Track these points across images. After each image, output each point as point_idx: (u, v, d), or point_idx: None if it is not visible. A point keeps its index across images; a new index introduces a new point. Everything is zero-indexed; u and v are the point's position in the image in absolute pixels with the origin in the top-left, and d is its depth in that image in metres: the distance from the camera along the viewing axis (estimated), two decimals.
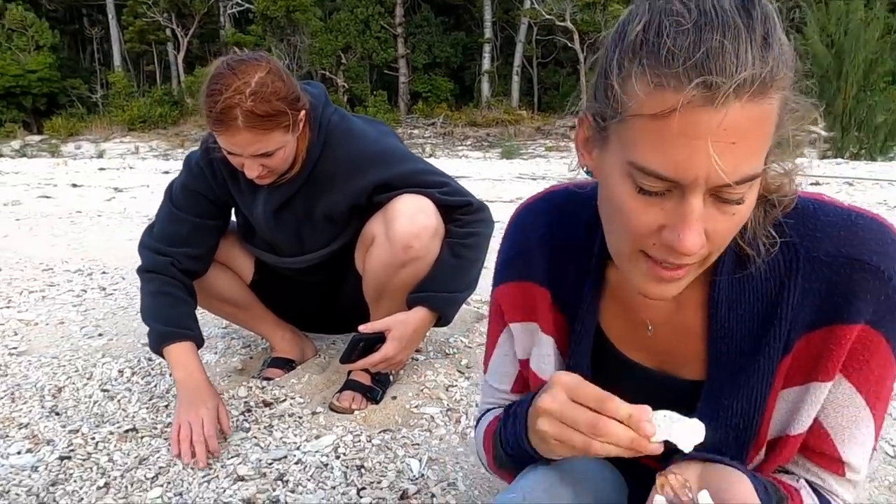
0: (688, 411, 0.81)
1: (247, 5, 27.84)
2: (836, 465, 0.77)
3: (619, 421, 0.67)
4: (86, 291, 2.84)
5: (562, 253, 0.86)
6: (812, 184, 6.65)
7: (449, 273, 1.59)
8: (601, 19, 23.61)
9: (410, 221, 1.53)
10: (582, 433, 0.69)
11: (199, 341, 1.62)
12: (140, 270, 1.68)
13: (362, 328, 1.51)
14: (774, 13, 0.59)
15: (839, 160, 11.79)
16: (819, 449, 0.77)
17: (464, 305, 1.78)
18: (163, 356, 1.59)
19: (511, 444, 0.83)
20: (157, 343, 1.58)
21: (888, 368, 0.73)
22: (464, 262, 1.60)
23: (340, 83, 27.57)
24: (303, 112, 1.50)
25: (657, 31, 0.58)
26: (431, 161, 1.78)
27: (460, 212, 1.62)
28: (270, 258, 1.79)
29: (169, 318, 1.60)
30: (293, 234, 1.68)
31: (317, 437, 1.56)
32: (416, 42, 27.87)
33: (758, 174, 0.61)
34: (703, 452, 0.72)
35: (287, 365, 1.93)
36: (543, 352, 0.89)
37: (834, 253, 0.71)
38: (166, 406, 1.70)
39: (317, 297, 1.88)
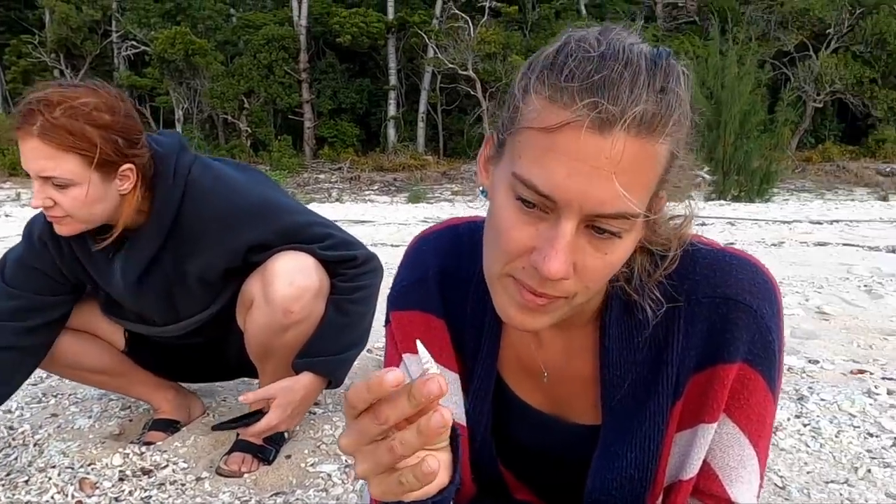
0: (585, 457, 0.80)
1: (143, 47, 27.05)
2: None
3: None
4: None
5: (460, 288, 0.83)
6: (699, 224, 7.09)
7: (335, 333, 1.49)
8: (501, 69, 24.66)
9: (289, 284, 1.42)
10: (375, 438, 0.56)
11: None
12: None
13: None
14: (682, 73, 0.61)
15: (722, 202, 12.72)
16: (709, 491, 0.77)
17: (364, 353, 1.71)
18: None
19: None
20: None
21: (767, 406, 0.74)
22: (351, 319, 1.51)
23: (243, 128, 27.14)
24: (127, 165, 1.36)
25: (566, 53, 0.61)
26: (337, 206, 1.72)
27: (345, 266, 1.52)
28: (144, 329, 1.64)
29: None
30: (164, 302, 1.54)
31: None
32: (321, 87, 27.98)
33: (633, 214, 0.61)
34: None
35: (171, 427, 1.77)
36: (450, 390, 0.84)
37: (711, 294, 0.73)
38: (26, 482, 1.52)
39: (199, 355, 1.75)
